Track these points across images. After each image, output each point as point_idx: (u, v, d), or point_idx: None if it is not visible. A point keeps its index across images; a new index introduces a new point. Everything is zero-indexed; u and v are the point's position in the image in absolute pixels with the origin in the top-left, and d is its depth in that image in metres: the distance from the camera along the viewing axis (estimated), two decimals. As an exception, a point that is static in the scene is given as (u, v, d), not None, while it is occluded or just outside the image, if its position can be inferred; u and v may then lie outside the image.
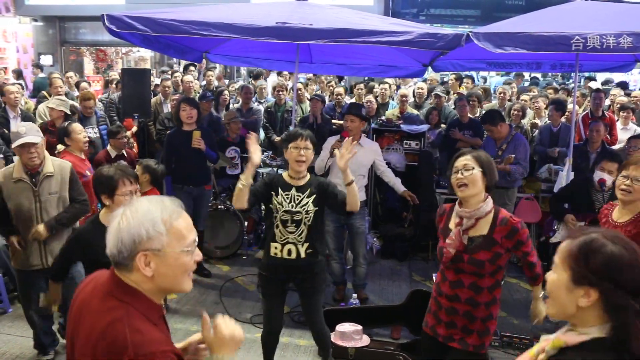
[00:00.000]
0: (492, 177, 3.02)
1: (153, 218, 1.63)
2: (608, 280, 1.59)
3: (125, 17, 5.12)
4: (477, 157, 2.99)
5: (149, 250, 1.62)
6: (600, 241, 1.64)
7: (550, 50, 4.61)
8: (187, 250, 1.69)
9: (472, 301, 2.99)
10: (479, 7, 13.45)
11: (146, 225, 1.62)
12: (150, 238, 1.62)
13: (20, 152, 3.93)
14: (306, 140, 3.69)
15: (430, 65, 7.03)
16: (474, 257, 2.93)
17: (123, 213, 1.66)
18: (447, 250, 3.02)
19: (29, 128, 3.98)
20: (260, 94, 9.52)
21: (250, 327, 5.00)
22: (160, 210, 1.65)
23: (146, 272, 1.63)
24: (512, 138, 5.92)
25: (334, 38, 4.87)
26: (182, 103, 5.82)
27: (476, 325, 3.00)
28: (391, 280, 6.18)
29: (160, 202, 1.69)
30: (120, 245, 1.62)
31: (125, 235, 1.61)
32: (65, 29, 15.31)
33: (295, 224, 3.73)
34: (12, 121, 6.80)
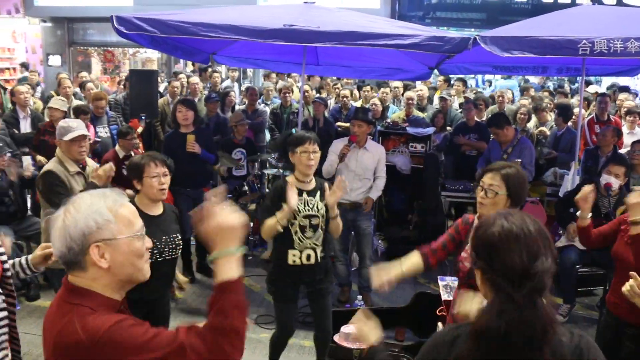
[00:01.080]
0: (519, 198, 2.86)
1: (98, 208, 1.61)
2: (483, 259, 1.58)
3: (134, 18, 5.16)
4: (506, 178, 2.80)
5: (100, 241, 1.59)
6: (492, 218, 1.62)
7: (557, 54, 4.63)
8: (137, 234, 1.67)
9: None
10: (485, 11, 13.43)
11: (93, 216, 1.59)
12: (100, 228, 1.59)
13: (70, 146, 4.02)
14: (314, 144, 3.69)
15: (436, 68, 7.05)
16: None
17: (65, 210, 1.62)
18: (463, 264, 2.95)
19: (79, 122, 4.12)
20: (267, 95, 9.57)
21: (255, 327, 5.03)
22: (104, 200, 1.64)
23: (102, 263, 1.59)
24: (518, 142, 5.91)
25: (341, 41, 4.91)
26: (179, 104, 5.76)
27: None
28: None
29: (101, 193, 1.68)
30: (69, 242, 1.58)
31: (73, 231, 1.58)
32: (74, 29, 15.37)
33: (313, 229, 3.73)
34: (21, 121, 6.86)
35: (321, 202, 3.74)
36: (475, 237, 1.64)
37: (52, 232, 1.62)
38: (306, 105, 8.38)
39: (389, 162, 6.73)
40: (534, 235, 1.55)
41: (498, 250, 1.54)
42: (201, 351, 1.56)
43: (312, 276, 3.83)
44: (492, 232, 1.57)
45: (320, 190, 3.77)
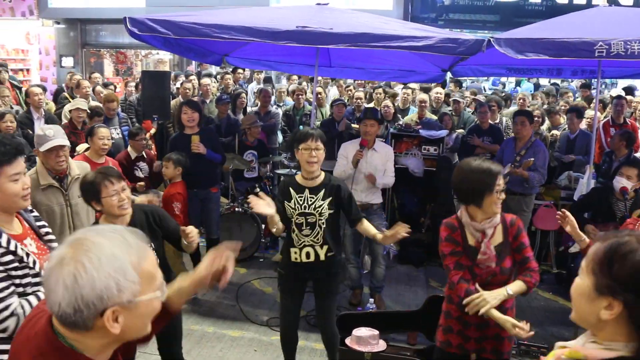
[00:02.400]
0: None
1: (122, 265, 1.30)
2: (634, 291, 1.36)
3: (147, 20, 5.17)
4: None
5: (119, 305, 1.31)
6: (631, 245, 1.39)
7: (573, 56, 4.57)
8: (159, 293, 1.41)
9: (501, 309, 2.93)
10: (498, 12, 13.36)
11: (115, 277, 1.28)
12: (122, 290, 1.29)
13: (47, 156, 3.72)
14: (316, 141, 3.67)
15: (449, 70, 7.01)
16: (503, 266, 2.94)
17: (78, 258, 1.28)
18: (486, 266, 2.96)
19: (56, 130, 3.80)
20: (279, 97, 9.56)
21: (266, 329, 5.01)
22: (127, 252, 1.33)
23: (115, 329, 1.32)
24: (532, 144, 5.85)
25: (354, 42, 4.88)
26: (184, 106, 5.73)
27: (505, 332, 2.96)
28: (408, 285, 6.16)
29: (123, 240, 1.35)
30: (78, 304, 1.27)
31: (88, 292, 1.26)
32: (86, 31, 15.48)
33: (310, 227, 3.75)
34: (35, 122, 6.90)
35: (324, 200, 3.72)
36: (616, 270, 1.39)
37: (50, 282, 1.29)
38: (319, 107, 8.38)
39: (402, 164, 6.71)
40: None
41: None
42: None
43: (313, 274, 3.85)
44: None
45: (326, 188, 3.75)
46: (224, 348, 4.69)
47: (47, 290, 1.31)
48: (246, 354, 4.63)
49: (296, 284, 3.93)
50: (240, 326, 5.06)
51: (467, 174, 2.93)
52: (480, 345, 3.05)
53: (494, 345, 3.02)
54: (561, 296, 5.97)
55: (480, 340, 3.04)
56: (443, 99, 8.74)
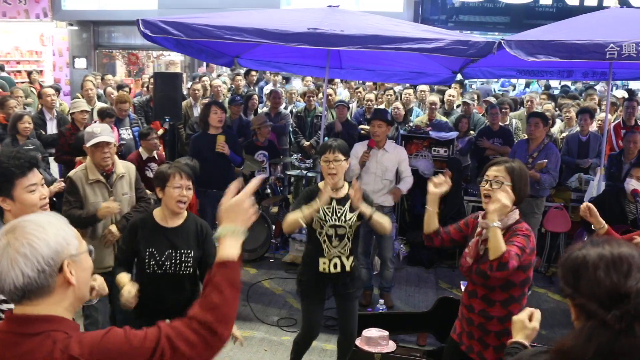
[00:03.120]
0: (523, 191, 2.91)
1: (61, 225, 1.57)
2: (569, 284, 1.47)
3: (160, 22, 5.22)
4: (510, 170, 2.87)
5: (69, 257, 1.55)
6: (577, 246, 1.52)
7: (584, 58, 4.57)
8: (88, 250, 1.66)
9: (484, 313, 2.94)
10: (509, 14, 13.32)
11: (61, 233, 1.54)
12: (69, 244, 1.55)
13: (94, 152, 3.87)
14: (334, 153, 3.68)
15: (459, 72, 7.02)
16: (481, 267, 2.84)
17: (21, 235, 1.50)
18: (464, 259, 3.00)
19: (103, 128, 3.98)
20: (290, 98, 9.60)
21: (277, 329, 5.05)
22: (54, 218, 1.59)
23: (73, 280, 1.55)
24: (545, 147, 5.82)
25: (365, 44, 4.91)
26: (213, 106, 5.82)
27: (490, 340, 2.94)
28: (417, 287, 6.17)
29: (46, 215, 1.61)
30: (40, 264, 1.48)
31: (45, 251, 1.49)
32: (99, 33, 15.62)
33: (339, 238, 3.75)
34: (48, 122, 6.98)
35: (351, 212, 3.73)
36: (560, 264, 1.54)
37: (4, 262, 1.48)
38: (329, 109, 8.41)
39: (412, 166, 6.71)
40: (624, 254, 1.42)
41: (583, 271, 1.44)
42: (188, 336, 1.57)
43: (339, 282, 3.86)
44: (577, 255, 1.48)
45: (349, 199, 3.74)
46: (234, 348, 4.71)
47: (6, 272, 1.47)
48: (256, 354, 4.66)
49: (319, 290, 3.91)
50: (251, 326, 5.09)
51: None
52: (470, 342, 3.05)
53: (479, 350, 2.99)
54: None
55: (470, 337, 3.04)
56: (455, 101, 8.74)
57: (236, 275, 1.70)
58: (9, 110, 6.79)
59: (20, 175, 2.37)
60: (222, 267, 1.69)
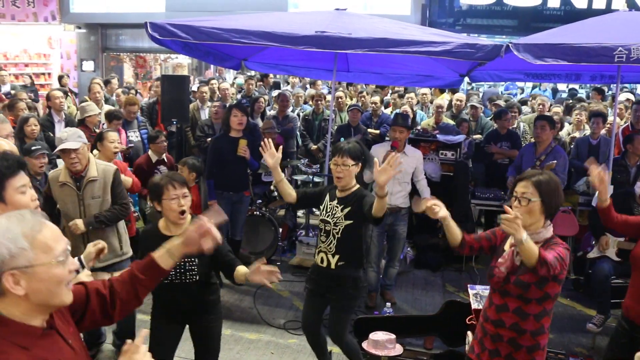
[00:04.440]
0: (554, 204, 2.84)
1: (13, 235, 1.54)
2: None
3: (168, 24, 5.25)
4: (537, 185, 2.79)
5: (15, 269, 1.53)
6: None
7: (592, 61, 4.55)
8: (58, 261, 1.61)
9: (517, 327, 2.85)
10: (516, 17, 13.28)
11: (6, 244, 1.53)
12: (14, 256, 1.53)
13: (63, 157, 4.05)
14: (343, 157, 3.69)
15: (467, 75, 7.01)
16: (521, 278, 2.79)
17: None
18: (498, 270, 2.89)
19: (70, 133, 4.05)
20: (297, 102, 9.61)
21: (283, 332, 5.04)
22: (20, 225, 1.57)
23: (17, 291, 1.54)
24: (552, 150, 5.82)
25: (373, 48, 4.91)
26: (234, 109, 5.84)
27: (521, 356, 2.87)
28: (424, 290, 6.15)
29: (18, 216, 1.60)
30: None
31: None
32: (107, 35, 15.69)
33: (326, 234, 3.82)
34: (56, 125, 7.00)
35: (342, 211, 3.75)
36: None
37: None
38: (338, 112, 8.41)
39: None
40: None
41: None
42: None
43: (327, 281, 3.89)
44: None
45: (347, 202, 3.75)
46: (241, 350, 4.72)
47: None
48: (263, 357, 4.66)
49: (316, 287, 3.97)
50: (258, 329, 5.09)
51: None
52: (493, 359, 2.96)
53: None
54: (579, 302, 5.92)
55: (493, 354, 2.94)
56: (463, 105, 8.73)
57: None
58: (18, 112, 6.83)
59: (11, 177, 2.32)
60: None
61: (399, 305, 5.65)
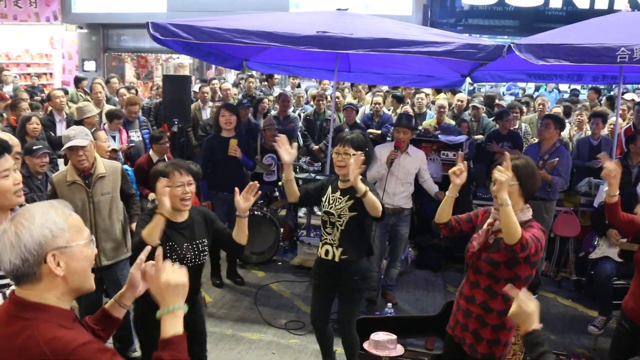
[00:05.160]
0: (530, 187, 2.94)
1: (52, 217, 1.62)
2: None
3: (169, 24, 5.25)
4: (514, 168, 2.88)
5: (56, 249, 1.60)
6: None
7: (594, 62, 4.54)
8: (88, 241, 1.70)
9: (485, 305, 2.97)
10: (518, 18, 13.27)
11: (48, 225, 1.60)
12: (55, 236, 1.60)
13: (70, 155, 4.02)
14: (345, 146, 3.71)
15: (469, 75, 7.00)
16: (491, 255, 2.90)
17: (15, 222, 1.60)
18: (471, 244, 3.03)
19: (78, 131, 4.05)
20: (298, 102, 9.60)
21: (284, 333, 5.04)
22: (54, 209, 1.65)
23: (58, 271, 1.60)
24: (556, 150, 5.79)
25: (374, 48, 4.91)
26: (222, 109, 5.83)
27: (486, 333, 2.97)
28: (425, 290, 6.14)
29: (49, 204, 1.68)
30: (24, 253, 1.56)
31: (29, 241, 1.57)
32: (108, 36, 15.71)
33: (331, 226, 3.80)
34: (57, 124, 7.01)
35: (346, 203, 3.74)
36: None
37: (0, 247, 1.59)
38: (337, 112, 8.40)
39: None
40: None
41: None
42: None
43: (330, 273, 3.88)
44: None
45: (351, 193, 3.73)
46: (242, 351, 4.72)
47: (2, 258, 1.58)
48: (264, 357, 4.65)
49: (322, 282, 3.96)
50: (259, 329, 5.09)
51: None
52: (463, 334, 3.08)
53: (472, 342, 3.02)
54: (580, 303, 5.91)
55: (463, 329, 3.07)
56: (465, 106, 8.71)
57: (182, 351, 1.74)
58: (20, 112, 6.83)
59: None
60: (168, 345, 1.73)
61: (400, 306, 5.65)
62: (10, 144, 2.51)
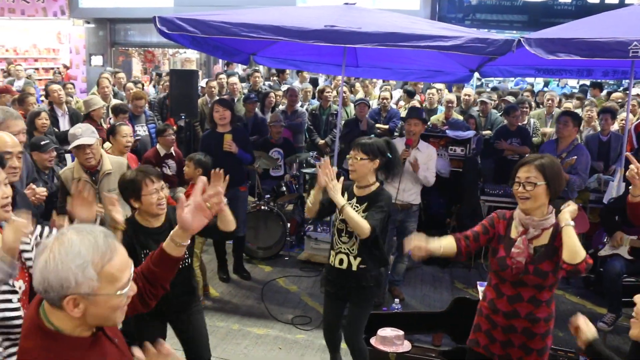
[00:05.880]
0: (558, 187, 2.82)
1: (83, 263, 1.52)
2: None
3: (176, 19, 5.22)
4: (541, 168, 2.76)
5: (77, 295, 1.53)
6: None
7: (606, 56, 4.48)
8: (120, 293, 1.60)
9: (531, 317, 2.85)
10: (526, 12, 13.19)
11: (75, 271, 1.50)
12: (79, 284, 1.51)
13: (77, 153, 4.03)
14: (355, 150, 3.62)
15: (477, 70, 6.94)
16: (539, 267, 2.78)
17: (51, 248, 1.53)
18: (516, 260, 2.84)
19: (84, 129, 4.06)
20: (305, 96, 9.57)
21: (291, 328, 5.03)
22: (92, 251, 1.54)
23: (74, 314, 1.55)
24: (574, 148, 5.67)
25: (382, 42, 4.86)
26: (216, 104, 5.79)
27: (536, 343, 2.87)
28: (433, 286, 6.12)
29: (92, 240, 1.56)
30: (46, 285, 1.52)
31: (52, 278, 1.51)
32: (115, 30, 15.71)
33: (348, 235, 3.67)
34: (60, 119, 6.99)
35: (364, 212, 3.61)
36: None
37: (35, 262, 1.55)
38: (344, 107, 8.36)
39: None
40: None
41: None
42: None
43: (345, 282, 3.76)
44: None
45: (369, 200, 3.65)
46: (248, 345, 4.71)
47: (34, 269, 1.55)
48: (271, 352, 4.65)
49: (334, 288, 3.86)
50: (265, 324, 5.08)
51: None
52: (505, 351, 2.93)
53: (520, 356, 2.90)
54: (589, 300, 5.87)
55: (506, 345, 2.92)
56: (472, 100, 8.66)
57: None
58: (28, 107, 6.83)
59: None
60: None
61: (407, 302, 5.63)
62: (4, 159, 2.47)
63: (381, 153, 3.65)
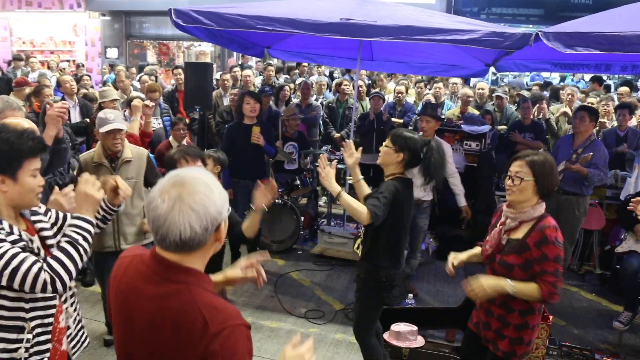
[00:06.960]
0: (547, 184, 2.83)
1: (220, 188, 1.66)
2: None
3: (192, 11, 5.23)
4: (531, 164, 2.82)
5: (224, 219, 1.66)
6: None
7: (626, 51, 4.38)
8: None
9: (505, 306, 2.92)
10: (543, 6, 13.06)
11: (222, 197, 1.64)
12: (223, 207, 1.64)
13: (106, 138, 4.04)
14: (387, 138, 3.62)
15: (493, 65, 6.88)
16: (505, 258, 2.87)
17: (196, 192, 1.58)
18: (484, 247, 3.02)
19: (116, 115, 4.10)
20: (319, 90, 9.55)
21: (304, 321, 5.03)
22: (214, 178, 1.70)
23: (222, 238, 1.68)
24: (591, 143, 5.57)
25: (398, 35, 4.83)
26: (246, 96, 5.80)
27: (509, 331, 2.93)
28: (446, 282, 6.09)
29: (206, 174, 1.69)
30: (207, 223, 1.59)
31: (213, 212, 1.60)
32: (131, 23, 15.79)
33: None
34: (71, 110, 7.01)
35: None
36: None
37: (174, 216, 1.56)
38: (360, 101, 8.34)
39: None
40: None
41: None
42: None
43: (357, 267, 3.82)
44: None
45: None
46: (262, 338, 4.72)
47: (169, 224, 1.56)
48: (284, 346, 4.63)
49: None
50: (279, 317, 5.09)
51: None
52: (485, 332, 3.06)
53: (494, 338, 2.99)
54: (604, 297, 5.82)
55: (485, 327, 3.05)
56: (487, 95, 8.59)
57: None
58: (43, 98, 6.86)
59: (31, 156, 2.27)
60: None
61: (421, 297, 5.61)
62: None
63: (409, 149, 3.52)
